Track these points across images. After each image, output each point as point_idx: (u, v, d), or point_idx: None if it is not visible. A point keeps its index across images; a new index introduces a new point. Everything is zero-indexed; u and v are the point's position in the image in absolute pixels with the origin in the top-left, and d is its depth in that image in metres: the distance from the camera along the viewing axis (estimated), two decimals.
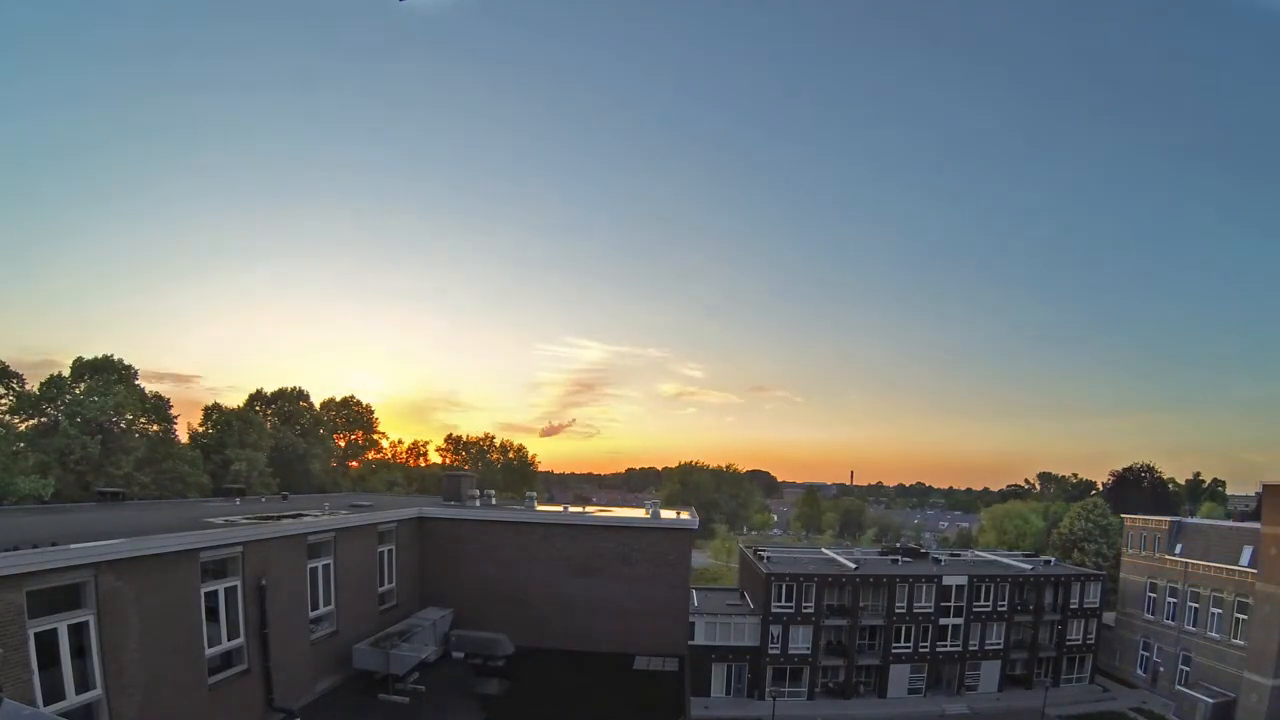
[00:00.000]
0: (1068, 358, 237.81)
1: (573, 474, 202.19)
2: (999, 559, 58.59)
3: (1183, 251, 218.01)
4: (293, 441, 58.78)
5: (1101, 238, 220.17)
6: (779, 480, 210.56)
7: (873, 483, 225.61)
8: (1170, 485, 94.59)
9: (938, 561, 54.84)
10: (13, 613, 7.90)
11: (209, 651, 11.19)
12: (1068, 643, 50.69)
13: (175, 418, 50.71)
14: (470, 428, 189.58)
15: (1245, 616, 42.35)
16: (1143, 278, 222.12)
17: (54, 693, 8.51)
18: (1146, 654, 51.11)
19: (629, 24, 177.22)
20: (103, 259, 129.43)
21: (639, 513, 21.72)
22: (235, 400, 73.90)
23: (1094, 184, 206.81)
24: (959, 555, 62.38)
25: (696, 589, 53.49)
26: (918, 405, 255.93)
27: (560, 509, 22.24)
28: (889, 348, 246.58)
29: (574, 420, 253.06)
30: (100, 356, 46.44)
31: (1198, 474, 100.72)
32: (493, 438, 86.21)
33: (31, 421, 43.44)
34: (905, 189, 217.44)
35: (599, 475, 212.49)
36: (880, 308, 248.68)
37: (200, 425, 54.79)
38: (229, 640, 11.75)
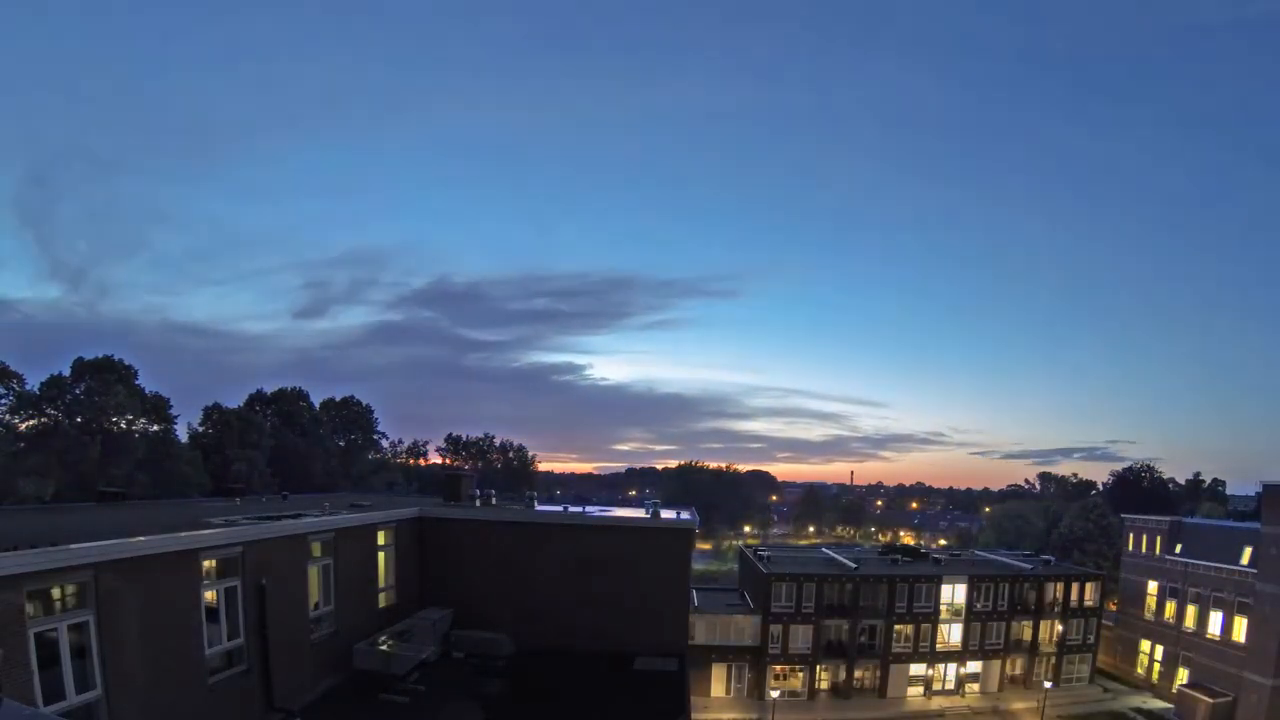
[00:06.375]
0: (1069, 358, 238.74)
1: (572, 474, 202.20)
2: (999, 559, 58.53)
3: (1185, 251, 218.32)
4: (293, 441, 58.77)
5: (1109, 238, 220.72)
6: (779, 480, 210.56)
7: (873, 483, 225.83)
8: (1170, 485, 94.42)
9: (938, 561, 54.74)
10: (13, 613, 7.90)
11: (209, 651, 11.20)
12: (1068, 643, 50.67)
13: (175, 418, 50.78)
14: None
15: (1245, 616, 42.35)
16: (1145, 278, 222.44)
17: (54, 693, 8.51)
18: (1146, 654, 51.12)
19: None
20: None
21: (639, 513, 21.71)
22: None
23: (1097, 186, 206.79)
24: (959, 555, 62.33)
25: (696, 589, 53.42)
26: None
27: (560, 509, 22.23)
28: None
29: None
30: (101, 357, 46.44)
31: (1198, 474, 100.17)
32: (493, 438, 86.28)
33: (31, 421, 43.46)
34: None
35: (599, 475, 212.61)
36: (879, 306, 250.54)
37: (200, 425, 54.85)
38: (229, 640, 11.75)
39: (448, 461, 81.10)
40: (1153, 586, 51.08)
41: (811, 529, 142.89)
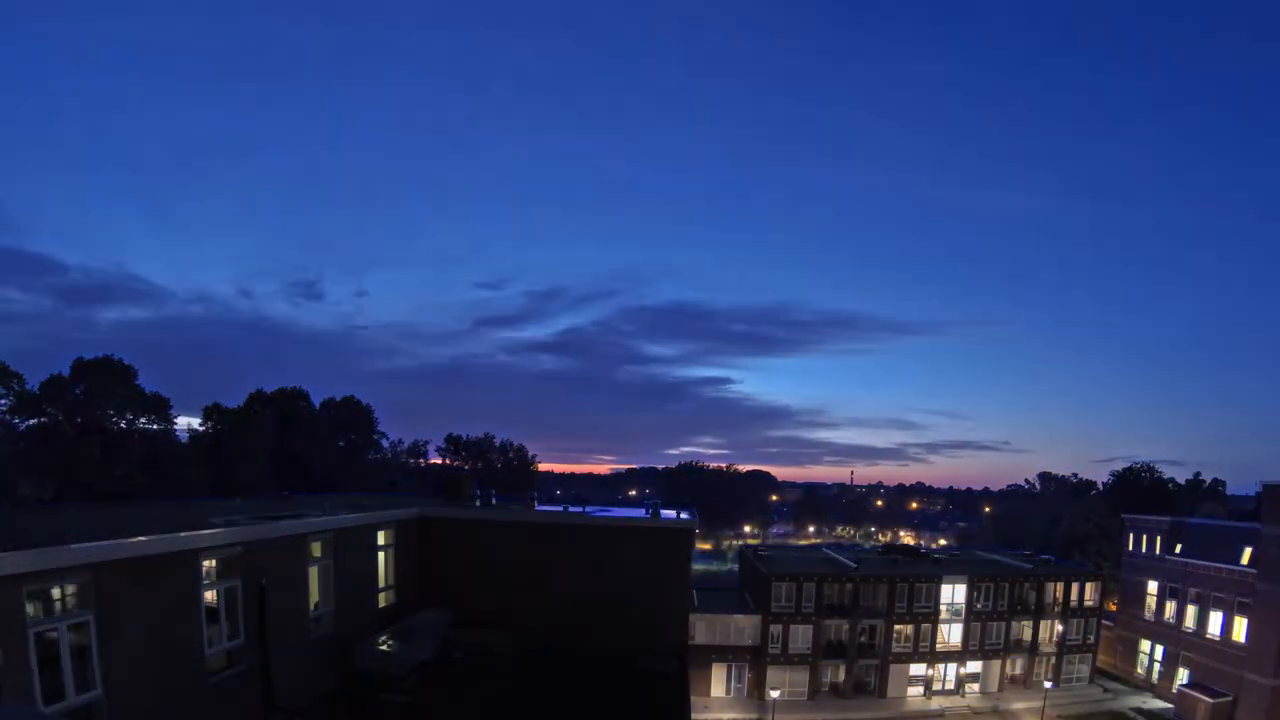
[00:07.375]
0: (1072, 357, 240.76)
1: (573, 474, 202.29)
2: (999, 559, 58.55)
3: (1186, 251, 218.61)
4: (293, 441, 58.70)
5: (1108, 238, 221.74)
6: (779, 480, 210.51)
7: (873, 483, 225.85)
8: (1170, 485, 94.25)
9: (938, 561, 54.79)
10: (13, 613, 7.90)
11: (209, 651, 11.17)
12: (1068, 643, 50.67)
13: (175, 418, 50.76)
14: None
15: (1245, 616, 42.35)
16: (1146, 278, 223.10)
17: (54, 693, 8.50)
18: (1146, 654, 51.11)
19: None
20: None
21: (639, 513, 21.70)
22: None
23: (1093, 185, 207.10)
24: (959, 555, 62.34)
25: (696, 589, 53.44)
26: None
27: (560, 509, 22.21)
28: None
29: None
30: (101, 357, 46.42)
31: (1198, 474, 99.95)
32: (493, 438, 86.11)
33: (31, 421, 43.45)
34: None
35: (599, 475, 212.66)
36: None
37: (200, 425, 54.82)
38: (229, 640, 11.73)
39: (447, 462, 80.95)
40: (1153, 586, 51.08)
41: (811, 529, 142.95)
